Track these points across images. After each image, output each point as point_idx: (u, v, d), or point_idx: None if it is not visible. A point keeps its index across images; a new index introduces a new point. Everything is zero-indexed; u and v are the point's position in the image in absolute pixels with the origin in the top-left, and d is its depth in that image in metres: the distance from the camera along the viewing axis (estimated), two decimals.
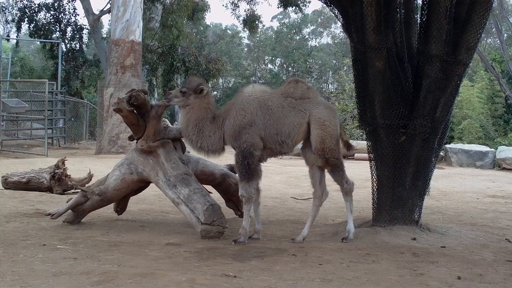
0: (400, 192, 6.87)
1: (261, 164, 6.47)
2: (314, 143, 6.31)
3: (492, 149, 21.53)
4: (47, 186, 9.66)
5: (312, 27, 57.62)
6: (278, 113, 6.33)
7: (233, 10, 29.66)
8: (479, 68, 31.60)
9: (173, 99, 6.46)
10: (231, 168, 7.95)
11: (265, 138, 6.31)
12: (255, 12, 29.44)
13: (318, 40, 58.88)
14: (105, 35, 30.88)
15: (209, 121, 6.42)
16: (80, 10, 38.40)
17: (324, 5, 7.88)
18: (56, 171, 9.65)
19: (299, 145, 6.68)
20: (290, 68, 51.76)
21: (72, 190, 9.68)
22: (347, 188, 6.45)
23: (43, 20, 30.05)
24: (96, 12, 26.88)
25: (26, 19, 29.73)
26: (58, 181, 9.64)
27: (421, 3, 7.08)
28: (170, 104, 6.64)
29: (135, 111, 6.62)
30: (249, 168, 6.24)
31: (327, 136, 6.29)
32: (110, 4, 21.58)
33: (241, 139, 6.25)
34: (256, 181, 6.33)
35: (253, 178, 6.28)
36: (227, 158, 6.74)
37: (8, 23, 35.03)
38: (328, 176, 6.57)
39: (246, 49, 55.76)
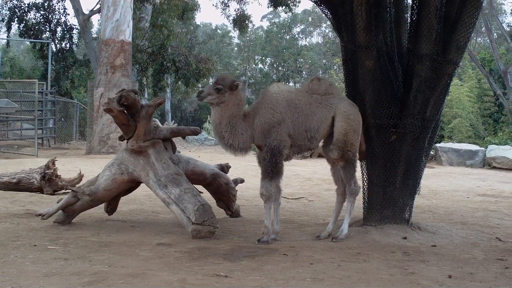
0: (391, 191, 6.89)
1: (284, 162, 6.51)
2: (337, 134, 6.36)
3: (482, 148, 21.63)
4: (37, 187, 9.62)
5: (302, 27, 57.66)
6: (306, 110, 6.38)
7: (223, 9, 29.65)
8: (468, 67, 31.69)
9: (206, 97, 6.31)
10: (221, 168, 7.97)
11: (294, 136, 6.34)
12: (245, 12, 29.41)
13: (308, 39, 58.96)
14: (95, 35, 30.72)
15: (241, 119, 6.38)
16: (70, 10, 38.32)
17: (314, 5, 7.88)
18: (47, 171, 9.61)
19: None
20: (280, 68, 51.75)
21: (63, 191, 9.67)
22: (353, 189, 6.49)
23: (33, 20, 29.96)
24: (86, 12, 26.79)
25: (16, 19, 29.62)
26: (49, 182, 9.60)
27: (411, 2, 7.10)
28: (202, 102, 6.52)
29: (125, 111, 6.59)
30: (276, 166, 6.28)
31: (351, 130, 6.37)
32: (100, 4, 21.51)
33: (271, 137, 6.26)
34: (278, 180, 6.37)
35: (277, 176, 6.34)
36: (217, 158, 6.73)
37: None
38: (328, 175, 6.59)
39: (236, 48, 55.73)
